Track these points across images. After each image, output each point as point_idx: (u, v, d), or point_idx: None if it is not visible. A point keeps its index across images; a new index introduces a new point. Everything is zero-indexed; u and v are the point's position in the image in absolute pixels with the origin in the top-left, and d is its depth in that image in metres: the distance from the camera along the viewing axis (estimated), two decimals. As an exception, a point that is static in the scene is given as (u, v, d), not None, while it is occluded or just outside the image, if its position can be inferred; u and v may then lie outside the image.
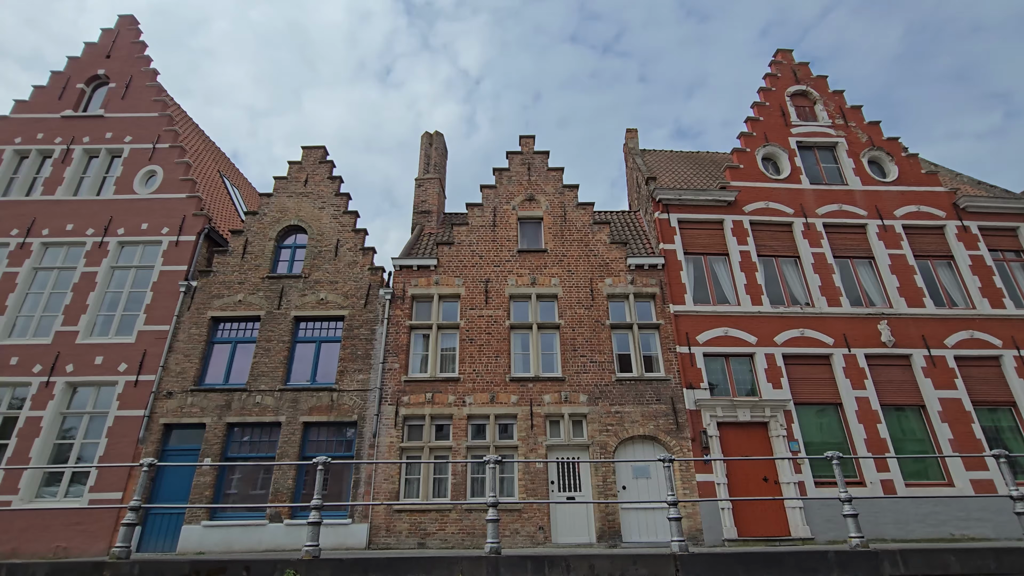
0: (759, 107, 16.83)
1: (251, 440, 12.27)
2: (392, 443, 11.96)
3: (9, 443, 12.12)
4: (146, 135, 15.99)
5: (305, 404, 12.35)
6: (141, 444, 12.03)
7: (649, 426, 12.14)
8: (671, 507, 6.27)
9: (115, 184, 15.22)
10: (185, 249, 14.27)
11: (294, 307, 13.44)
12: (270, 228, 14.51)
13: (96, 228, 14.52)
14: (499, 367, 12.72)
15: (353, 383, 12.59)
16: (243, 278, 13.82)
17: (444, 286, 13.67)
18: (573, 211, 14.76)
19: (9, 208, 14.84)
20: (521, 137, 16.00)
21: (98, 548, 11.14)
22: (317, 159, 15.60)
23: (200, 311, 13.41)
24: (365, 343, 13.02)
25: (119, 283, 14.03)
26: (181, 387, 12.55)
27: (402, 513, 11.35)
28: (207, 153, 18.80)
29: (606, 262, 14.05)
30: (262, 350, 12.93)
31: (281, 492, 11.51)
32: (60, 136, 15.97)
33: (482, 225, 14.52)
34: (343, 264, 14.00)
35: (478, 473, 11.90)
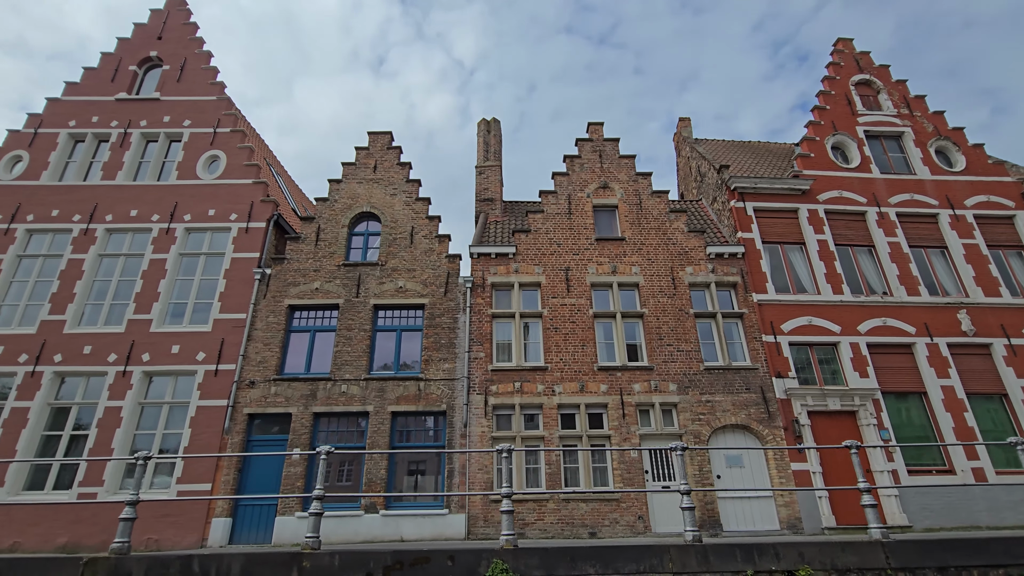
0: (825, 96, 16.69)
1: (337, 430, 12.05)
2: (483, 433, 11.79)
3: (89, 433, 11.81)
4: (205, 119, 15.57)
5: (392, 393, 12.14)
6: (227, 434, 11.77)
7: (741, 415, 12.06)
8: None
9: (177, 169, 14.82)
10: (255, 236, 13.94)
11: (373, 295, 13.18)
12: (341, 215, 14.21)
13: (162, 214, 14.14)
14: (586, 356, 12.57)
15: (439, 372, 12.39)
16: (318, 265, 13.53)
17: (524, 274, 13.47)
18: (648, 199, 14.58)
19: (68, 193, 14.41)
20: (590, 124, 15.77)
21: (190, 540, 10.91)
22: (384, 144, 15.28)
23: (276, 299, 13.12)
24: (448, 332, 12.81)
25: (188, 270, 13.69)
26: (263, 376, 12.29)
27: (499, 503, 11.19)
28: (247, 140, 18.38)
29: (685, 251, 13.91)
30: (343, 339, 12.68)
31: (375, 482, 11.33)
32: (116, 119, 15.51)
33: (557, 213, 14.31)
34: (419, 252, 13.75)
35: (570, 463, 11.78)
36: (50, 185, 14.51)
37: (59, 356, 12.43)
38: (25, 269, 13.60)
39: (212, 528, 10.98)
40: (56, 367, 12.34)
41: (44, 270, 13.56)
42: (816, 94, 16.93)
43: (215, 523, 11.02)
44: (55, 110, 15.61)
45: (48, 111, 15.59)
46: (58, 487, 11.51)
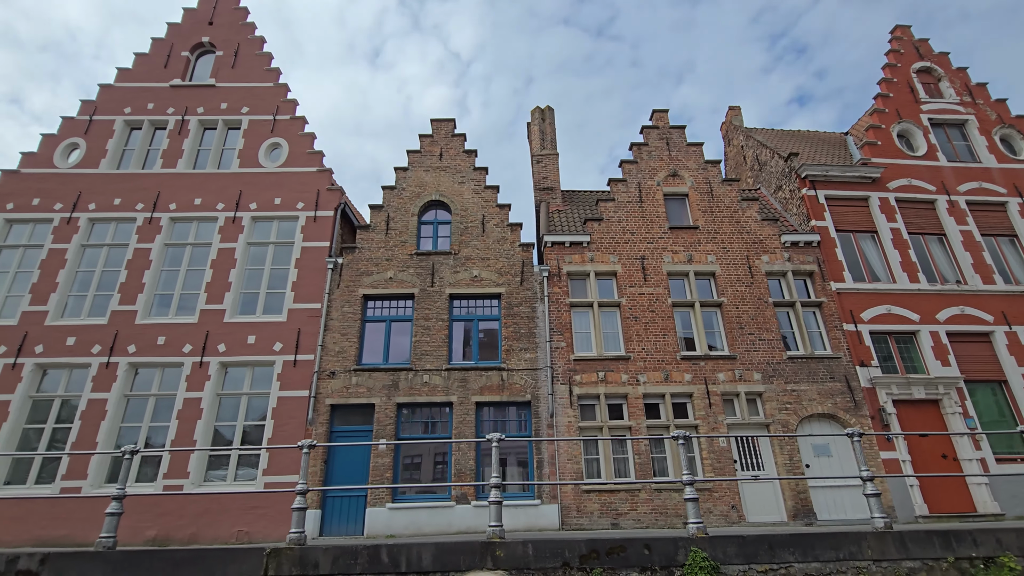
0: (887, 83, 16.53)
1: (420, 420, 11.89)
2: (570, 423, 11.66)
3: (169, 425, 11.61)
4: (264, 106, 15.27)
5: (475, 384, 11.98)
6: (310, 425, 11.59)
7: (827, 404, 11.98)
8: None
9: (239, 157, 14.53)
10: (324, 224, 13.70)
11: (448, 284, 12.99)
12: (410, 203, 13.98)
13: (227, 203, 13.88)
14: (667, 345, 12.44)
15: (521, 362, 12.24)
16: (390, 254, 13.31)
17: (599, 263, 13.30)
18: (719, 187, 14.41)
19: (129, 181, 14.11)
20: (654, 111, 15.56)
21: (280, 532, 10.75)
22: (448, 132, 15.03)
23: (350, 289, 12.91)
24: (527, 321, 12.64)
25: (257, 260, 13.45)
26: (343, 367, 12.10)
27: (591, 493, 11.09)
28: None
29: (760, 239, 13.76)
30: (421, 329, 12.50)
31: (464, 473, 11.19)
32: (172, 106, 15.18)
33: (628, 201, 14.13)
34: (491, 240, 13.55)
35: (657, 452, 11.68)
36: (110, 173, 14.21)
37: (132, 347, 12.20)
38: (90, 259, 13.32)
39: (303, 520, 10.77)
40: (130, 358, 12.11)
41: (110, 259, 13.28)
42: (877, 82, 16.77)
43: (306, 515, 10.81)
44: (109, 96, 15.27)
45: (101, 97, 15.25)
46: (140, 480, 11.31)
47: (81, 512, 10.80)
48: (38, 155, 14.38)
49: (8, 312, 12.63)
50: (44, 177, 14.08)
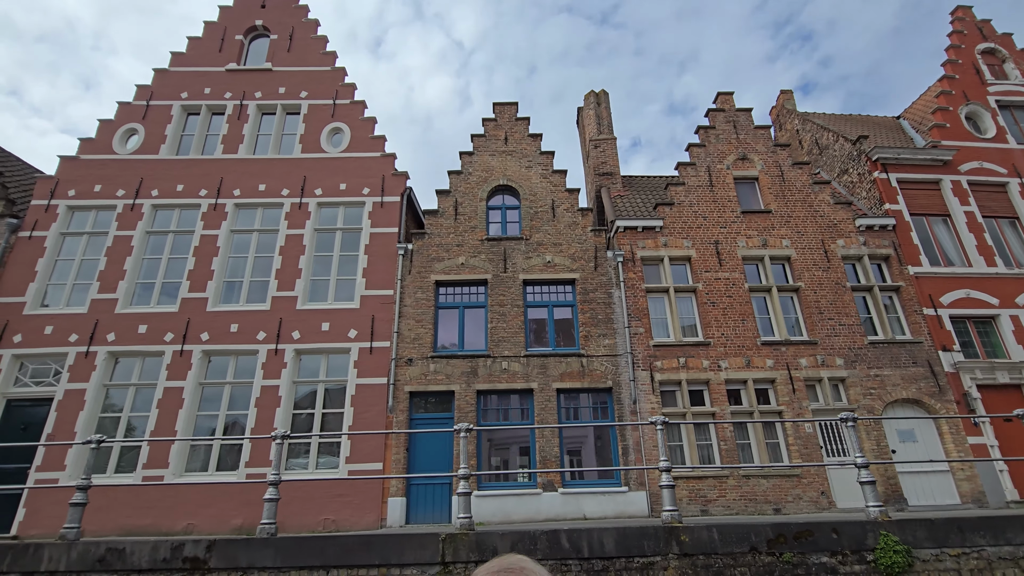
0: (952, 65, 16.18)
1: (500, 407, 11.75)
2: (653, 409, 11.50)
3: (248, 413, 11.48)
4: (322, 90, 15.01)
5: (555, 370, 11.82)
6: (391, 413, 11.45)
7: (911, 389, 11.80)
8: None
9: (300, 142, 14.29)
10: (391, 210, 13.49)
11: (521, 270, 12.79)
12: (477, 188, 13.75)
13: (292, 188, 13.66)
14: (747, 331, 12.25)
15: (600, 348, 12.06)
16: (460, 240, 13.11)
17: (673, 248, 13.09)
18: (790, 170, 14.15)
19: (191, 167, 13.89)
20: (719, 94, 15.27)
21: (368, 520, 10.65)
22: (511, 116, 14.76)
23: (422, 275, 12.72)
24: (604, 307, 12.46)
25: (325, 246, 13.26)
26: (419, 354, 11.94)
27: (679, 480, 10.95)
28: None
29: (833, 223, 13.53)
30: (497, 315, 12.32)
31: (549, 460, 11.06)
32: (229, 91, 14.92)
33: (699, 185, 13.88)
34: (562, 225, 13.33)
35: (741, 439, 11.53)
36: (171, 159, 13.99)
37: (205, 335, 12.05)
38: (155, 246, 13.13)
39: (389, 508, 10.71)
40: (203, 346, 11.97)
41: (176, 246, 13.10)
42: (942, 63, 16.43)
43: (391, 503, 10.76)
44: (164, 81, 15.01)
45: (157, 82, 14.99)
46: (221, 468, 11.20)
47: (165, 501, 10.70)
48: (96, 141, 14.16)
49: (77, 300, 12.47)
50: (104, 163, 13.87)
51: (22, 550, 5.26)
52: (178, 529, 10.45)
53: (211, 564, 5.15)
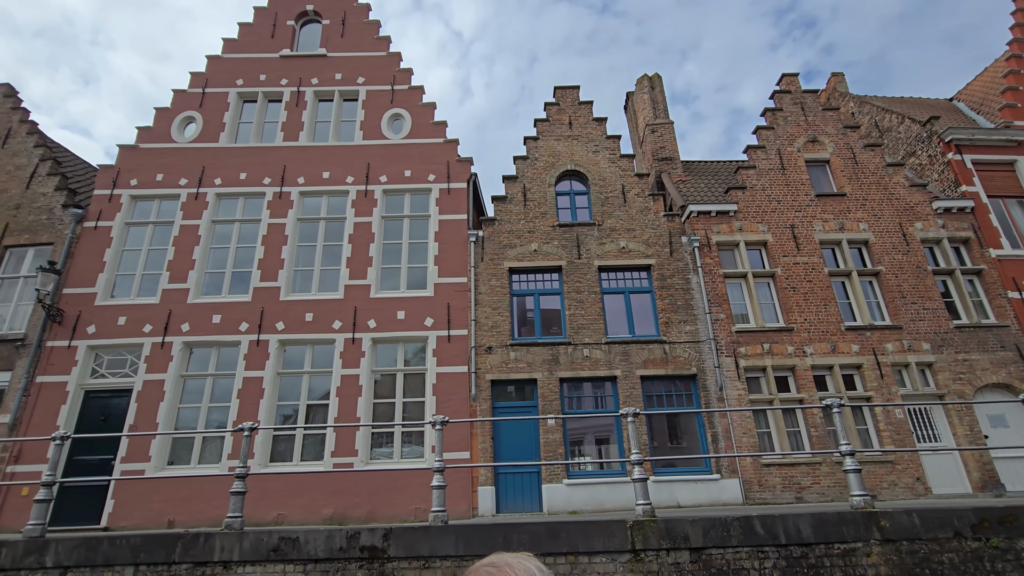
0: (1019, 44, 15.81)
1: (583, 395, 11.58)
2: (740, 396, 11.33)
3: (329, 403, 11.34)
4: (379, 76, 14.72)
5: (637, 357, 11.63)
6: (474, 401, 11.29)
7: (1001, 374, 11.61)
8: None
9: (361, 129, 14.03)
10: (458, 196, 13.26)
11: (595, 256, 12.57)
12: (545, 173, 13.50)
13: (356, 176, 13.42)
14: (830, 316, 12.04)
15: (681, 335, 11.87)
16: (531, 226, 12.88)
17: (748, 232, 12.85)
18: (862, 153, 13.87)
19: (252, 155, 13.66)
20: (784, 75, 14.95)
21: (460, 509, 10.51)
22: (574, 100, 14.47)
23: (495, 262, 12.51)
24: (683, 293, 12.24)
25: (393, 233, 13.04)
26: (498, 342, 11.76)
27: (771, 467, 10.81)
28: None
29: (910, 206, 13.26)
30: (574, 302, 12.12)
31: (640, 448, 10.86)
32: (285, 77, 14.64)
33: (770, 169, 13.61)
34: (634, 211, 13.09)
35: (831, 424, 11.36)
36: (232, 147, 13.75)
37: (281, 324, 11.89)
38: (222, 235, 12.93)
39: (480, 497, 10.58)
40: (279, 335, 11.80)
41: (243, 235, 12.89)
42: (1007, 43, 16.07)
43: (482, 492, 10.63)
44: (218, 68, 14.73)
45: (211, 69, 14.72)
46: (306, 458, 11.07)
47: (252, 492, 10.32)
48: (154, 129, 13.93)
49: (147, 290, 12.30)
50: (164, 152, 13.64)
51: (193, 539, 5.11)
52: (269, 520, 10.34)
53: (390, 553, 4.99)
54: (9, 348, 11.61)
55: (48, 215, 12.92)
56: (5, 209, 13.02)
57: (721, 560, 4.86)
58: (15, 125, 14.08)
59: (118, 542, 5.17)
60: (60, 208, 12.94)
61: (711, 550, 4.90)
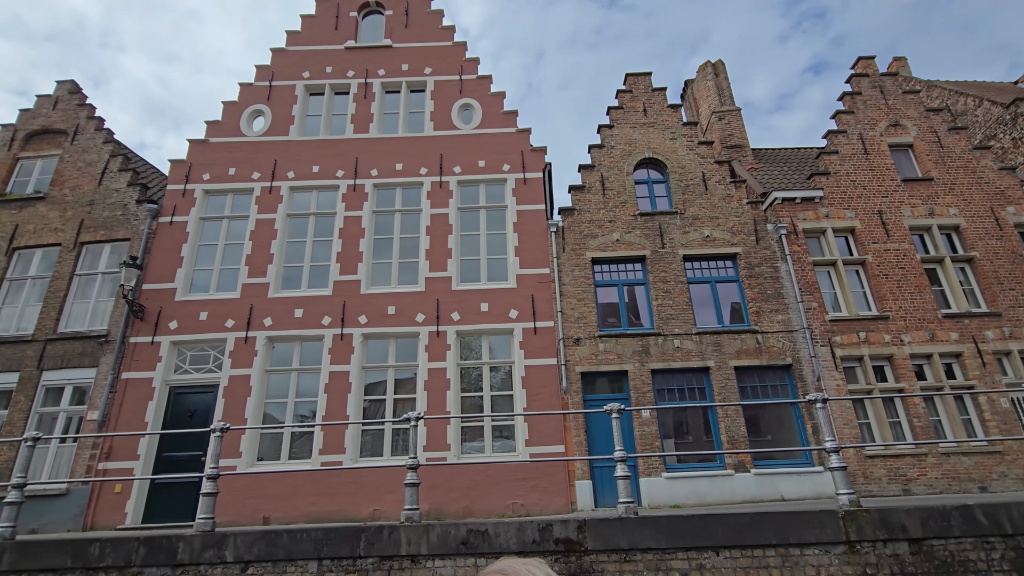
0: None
1: (675, 387, 11.32)
2: (838, 386, 11.02)
3: (417, 397, 11.15)
4: (446, 66, 14.51)
5: (730, 347, 11.35)
6: (565, 394, 11.07)
7: (1108, 361, 11.19)
8: None
9: (432, 119, 13.83)
10: (534, 186, 13.03)
11: (679, 245, 12.30)
12: (622, 161, 13.23)
13: (429, 167, 13.22)
14: (925, 303, 11.70)
15: (774, 324, 11.57)
16: (612, 216, 12.62)
17: (835, 219, 12.52)
18: (947, 136, 13.48)
19: (324, 148, 13.50)
20: (860, 58, 14.61)
21: (558, 504, 10.31)
22: (647, 87, 14.18)
23: (577, 252, 12.27)
24: (772, 282, 11.94)
25: (469, 225, 12.83)
26: (585, 333, 11.52)
27: (875, 458, 10.50)
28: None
29: (1000, 189, 12.87)
30: (660, 292, 11.86)
31: (737, 440, 10.63)
32: (351, 69, 14.46)
33: (853, 154, 13.26)
34: (716, 199, 12.79)
35: (932, 415, 11.02)
36: (302, 140, 13.59)
37: (363, 318, 11.72)
38: (297, 228, 12.78)
39: (577, 491, 10.36)
40: (362, 329, 11.63)
41: (318, 229, 12.74)
42: (1087, 21, 15.53)
43: (579, 486, 10.41)
44: (283, 61, 14.58)
45: (276, 62, 14.57)
46: (395, 453, 10.89)
47: (346, 487, 10.42)
48: (223, 123, 13.80)
49: (226, 285, 12.18)
50: (234, 146, 13.51)
51: (376, 533, 4.93)
52: (365, 515, 10.18)
53: (587, 545, 4.77)
54: (93, 345, 11.53)
55: (123, 211, 12.83)
56: (79, 206, 12.96)
57: (944, 552, 4.60)
58: (83, 122, 14.01)
59: (299, 536, 5.00)
60: (134, 204, 12.85)
61: (932, 541, 4.63)
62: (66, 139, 13.80)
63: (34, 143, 13.99)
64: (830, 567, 4.62)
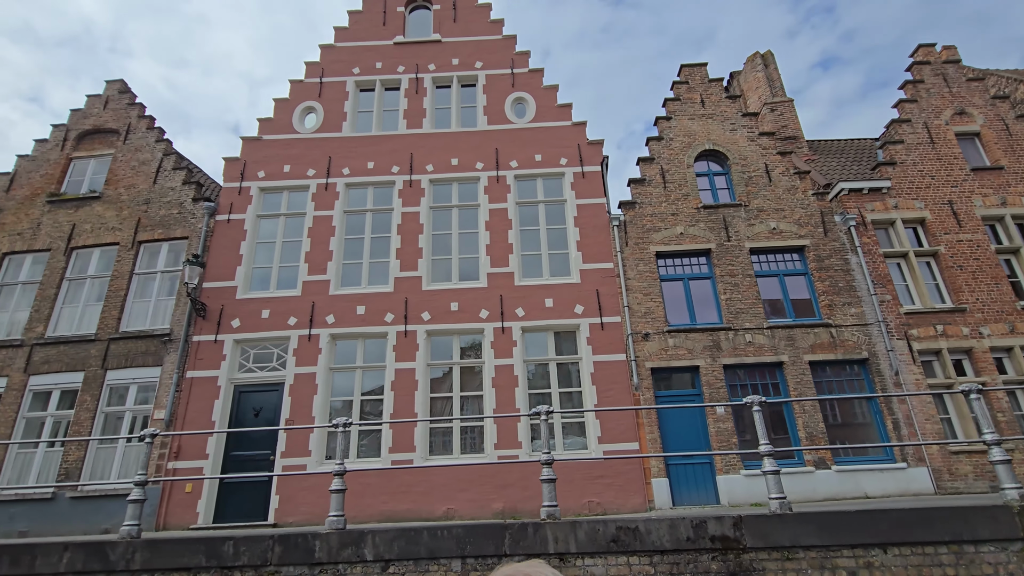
0: None
1: (748, 382, 11.07)
2: (917, 380, 10.72)
3: (484, 394, 10.98)
4: (496, 60, 14.35)
5: (803, 342, 11.09)
6: (636, 390, 10.85)
7: None
8: None
9: (485, 114, 13.67)
10: (593, 180, 12.83)
11: (745, 238, 12.04)
12: (682, 154, 12.99)
13: (485, 162, 13.06)
14: (1002, 295, 11.37)
15: (847, 318, 11.29)
16: (674, 209, 12.39)
17: (904, 210, 12.21)
18: (1015, 124, 13.12)
19: (378, 144, 13.38)
20: (920, 46, 14.28)
21: (634, 503, 10.10)
22: (703, 78, 13.93)
23: (640, 246, 12.05)
24: (842, 274, 11.66)
25: (528, 219, 12.66)
26: (654, 328, 11.30)
27: (959, 455, 10.19)
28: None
29: (1074, 178, 12.48)
30: (728, 286, 11.61)
31: (816, 436, 10.38)
32: (402, 64, 14.33)
33: (918, 143, 12.93)
34: (781, 190, 12.52)
35: (1017, 410, 10.70)
36: (356, 136, 13.49)
37: (426, 315, 11.58)
38: (354, 225, 12.67)
39: (655, 489, 10.14)
40: (426, 326, 11.49)
41: (376, 225, 12.61)
42: None
43: (656, 484, 10.19)
44: (333, 57, 14.48)
45: (325, 59, 14.47)
46: (466, 451, 10.74)
47: (418, 486, 10.28)
48: (275, 121, 13.72)
49: (286, 282, 12.08)
50: (288, 143, 13.42)
51: (520, 530, 4.76)
52: (438, 514, 10.03)
53: (746, 543, 4.56)
54: (156, 344, 11.47)
55: (179, 209, 12.78)
56: (135, 205, 12.92)
57: None
58: (134, 121, 13.98)
59: (439, 533, 4.83)
60: (190, 202, 12.79)
61: (1117, 538, 4.39)
62: (118, 138, 13.78)
63: (86, 143, 13.99)
64: (1008, 565, 4.39)
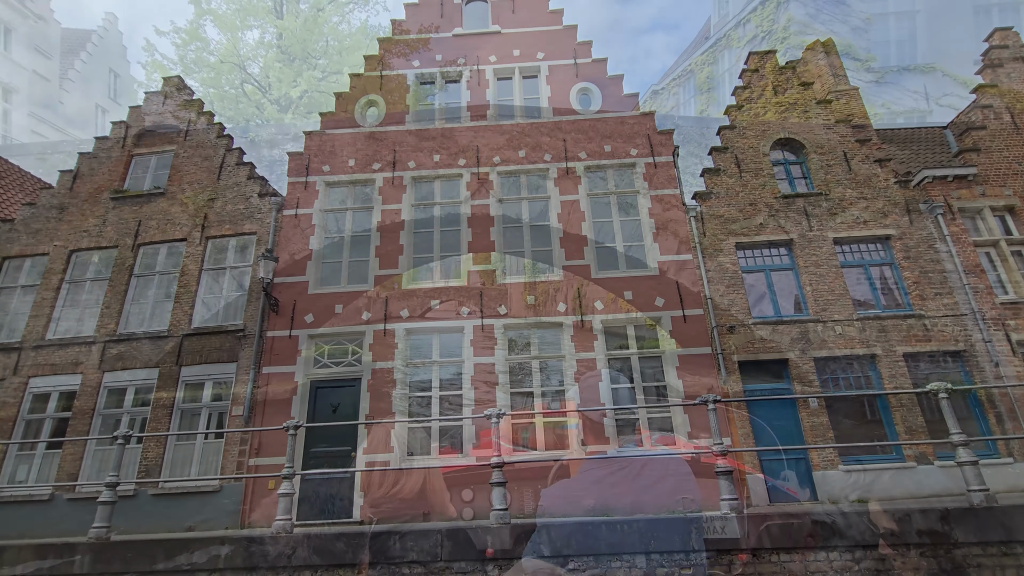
0: None
1: (839, 376, 10.73)
2: (1019, 373, 10.33)
3: (566, 389, 10.73)
4: (558, 50, 14.11)
5: (895, 334, 10.73)
6: (724, 384, 10.54)
7: None
8: None
9: (549, 105, 13.42)
10: (665, 170, 12.54)
11: (828, 228, 11.69)
12: (756, 143, 12.67)
13: (553, 153, 12.81)
14: (1102, 284, 10.92)
15: (940, 308, 10.92)
16: (751, 198, 12.07)
17: (992, 197, 11.81)
18: (1103, 107, 12.65)
19: (442, 137, 13.18)
20: (996, 30, 13.85)
21: (729, 499, 9.75)
22: (773, 65, 13.59)
23: (718, 237, 11.74)
24: (931, 264, 11.29)
25: (600, 211, 12.39)
26: (738, 320, 10.98)
27: (1070, 449, 9.78)
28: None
29: None
30: (813, 277, 11.28)
31: (915, 431, 10.01)
32: (462, 56, 14.12)
33: (1001, 129, 12.52)
34: (861, 178, 12.16)
35: (1123, 403, 10.25)
36: (420, 129, 13.29)
37: (503, 308, 11.34)
38: (422, 219, 12.47)
39: (750, 485, 9.83)
40: (503, 320, 11.26)
41: (444, 219, 12.41)
42: None
43: (751, 480, 9.88)
44: (391, 50, 14.30)
45: (384, 50, 14.29)
46: (549, 447, 10.48)
47: (504, 482, 9.99)
48: (337, 115, 13.56)
49: (357, 277, 11.91)
50: (351, 137, 13.26)
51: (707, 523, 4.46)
52: (532, 510, 9.76)
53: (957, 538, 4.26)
54: (231, 339, 11.33)
55: (245, 204, 12.66)
56: (201, 201, 12.79)
57: None
58: (193, 116, 13.88)
59: (619, 527, 4.59)
60: (257, 197, 12.65)
61: None
62: (179, 135, 13.68)
63: (147, 139, 13.91)
64: None
